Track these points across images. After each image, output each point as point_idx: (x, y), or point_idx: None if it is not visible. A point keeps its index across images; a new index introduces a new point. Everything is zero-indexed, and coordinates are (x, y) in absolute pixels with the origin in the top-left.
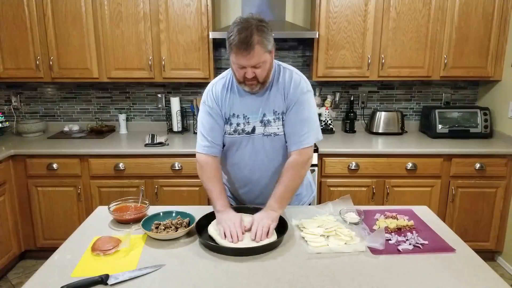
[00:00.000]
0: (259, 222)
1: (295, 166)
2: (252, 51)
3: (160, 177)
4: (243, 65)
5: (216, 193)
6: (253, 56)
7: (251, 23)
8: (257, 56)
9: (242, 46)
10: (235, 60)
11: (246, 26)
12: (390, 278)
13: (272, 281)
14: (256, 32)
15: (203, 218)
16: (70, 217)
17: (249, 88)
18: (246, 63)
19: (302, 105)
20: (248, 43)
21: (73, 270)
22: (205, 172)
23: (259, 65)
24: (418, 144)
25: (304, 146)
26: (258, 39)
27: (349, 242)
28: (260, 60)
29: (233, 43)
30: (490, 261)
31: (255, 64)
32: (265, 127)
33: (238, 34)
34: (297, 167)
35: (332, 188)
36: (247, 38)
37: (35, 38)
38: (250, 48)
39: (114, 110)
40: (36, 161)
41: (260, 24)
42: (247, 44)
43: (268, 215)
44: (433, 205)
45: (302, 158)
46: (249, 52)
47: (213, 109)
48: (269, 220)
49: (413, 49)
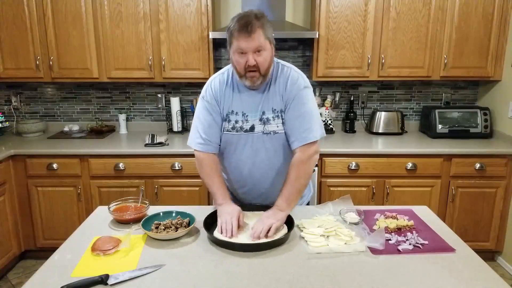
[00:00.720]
0: (264, 220)
1: (299, 164)
2: (253, 34)
3: (160, 177)
4: (245, 49)
5: (216, 187)
6: (254, 39)
7: (250, 12)
8: (258, 39)
9: (244, 29)
10: (237, 44)
11: (246, 14)
12: (390, 278)
13: (272, 281)
14: (256, 18)
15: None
16: (70, 217)
17: (250, 81)
18: (247, 46)
19: (300, 100)
20: (249, 26)
21: (73, 270)
22: (204, 168)
23: (261, 49)
24: (418, 144)
25: (306, 142)
26: (259, 23)
27: (349, 242)
28: (261, 44)
29: (234, 29)
30: (490, 261)
31: (256, 47)
32: (264, 125)
33: (238, 22)
34: (301, 165)
35: (332, 188)
36: (247, 22)
37: (35, 38)
38: (251, 31)
39: (114, 110)
40: (36, 161)
41: (260, 13)
42: (248, 27)
43: (274, 214)
44: (433, 205)
45: (305, 155)
46: (250, 35)
47: (211, 105)
48: (273, 220)
49: (413, 49)
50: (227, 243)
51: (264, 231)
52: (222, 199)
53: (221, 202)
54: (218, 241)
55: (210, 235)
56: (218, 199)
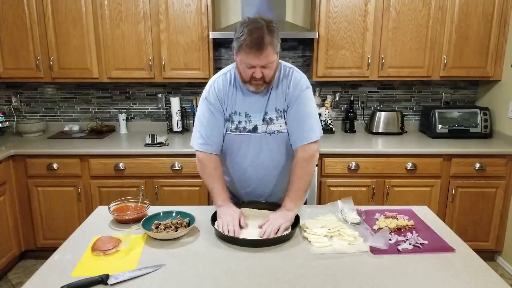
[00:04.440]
0: (272, 221)
1: (302, 163)
2: (264, 51)
3: (160, 177)
4: (253, 65)
5: (216, 189)
6: (265, 57)
7: (261, 23)
8: (268, 56)
9: (255, 46)
10: (246, 59)
11: (257, 26)
12: (390, 278)
13: (272, 281)
14: (268, 33)
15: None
16: (70, 217)
17: (254, 88)
18: (257, 63)
19: (303, 101)
20: (260, 44)
21: (73, 270)
22: (206, 169)
23: (268, 65)
24: (418, 144)
25: (309, 141)
26: (270, 40)
27: (353, 242)
28: (270, 61)
29: (245, 43)
30: (490, 261)
31: (265, 64)
32: (267, 125)
33: (249, 35)
34: (304, 164)
35: (332, 188)
36: (259, 38)
37: (35, 38)
38: (263, 49)
39: (114, 110)
40: (36, 161)
41: (270, 25)
42: (259, 45)
43: (283, 215)
44: (433, 205)
45: (307, 154)
46: (262, 53)
47: (214, 105)
48: (282, 221)
49: (413, 49)
50: (234, 239)
51: (274, 231)
52: (222, 201)
53: (221, 204)
54: (224, 237)
55: (217, 231)
56: (218, 200)
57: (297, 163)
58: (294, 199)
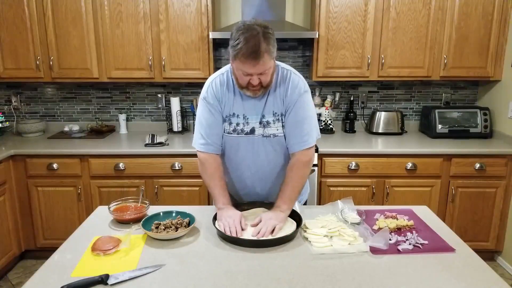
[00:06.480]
0: (266, 221)
1: (299, 166)
2: (261, 60)
3: (160, 177)
4: (250, 73)
5: (217, 190)
6: (261, 65)
7: (257, 30)
8: (264, 64)
9: (251, 55)
10: (242, 68)
11: (253, 34)
12: (390, 278)
13: (272, 281)
14: (264, 40)
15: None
16: (70, 217)
17: (252, 93)
18: (253, 71)
19: (301, 105)
20: (256, 52)
21: (73, 270)
22: (207, 169)
23: (265, 72)
24: (418, 144)
25: (306, 147)
26: (266, 47)
27: (353, 242)
28: (266, 68)
29: (241, 52)
30: (490, 261)
31: (262, 71)
32: (264, 128)
33: (245, 43)
34: (301, 167)
35: (332, 188)
36: (255, 47)
37: (35, 38)
38: (260, 57)
39: (114, 110)
40: (36, 161)
41: (266, 31)
42: (255, 54)
43: (276, 216)
44: (433, 205)
45: (305, 158)
46: (258, 62)
47: (213, 105)
48: (276, 221)
49: (413, 49)
50: (237, 239)
51: (268, 232)
52: (223, 203)
53: (221, 206)
54: (227, 237)
55: (219, 231)
56: (219, 202)
57: (294, 166)
58: (288, 200)
